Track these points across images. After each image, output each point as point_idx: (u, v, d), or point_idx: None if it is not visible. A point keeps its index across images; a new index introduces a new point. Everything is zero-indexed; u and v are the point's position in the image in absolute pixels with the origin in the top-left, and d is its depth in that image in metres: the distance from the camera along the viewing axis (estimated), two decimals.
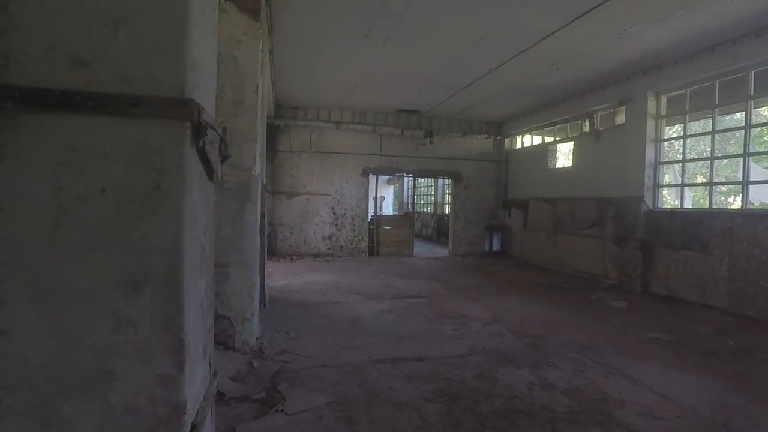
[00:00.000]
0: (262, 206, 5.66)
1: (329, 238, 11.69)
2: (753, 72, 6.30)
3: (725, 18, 5.60)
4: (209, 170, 1.60)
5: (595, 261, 8.95)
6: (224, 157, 1.75)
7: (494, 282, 8.57)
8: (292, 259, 10.93)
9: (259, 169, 4.57)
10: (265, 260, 6.10)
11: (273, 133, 11.01)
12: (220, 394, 3.22)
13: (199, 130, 1.34)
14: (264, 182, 6.25)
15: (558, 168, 10.91)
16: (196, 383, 1.45)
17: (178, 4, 1.27)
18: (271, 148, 11.01)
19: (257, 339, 4.48)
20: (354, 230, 11.87)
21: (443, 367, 4.02)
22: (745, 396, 3.52)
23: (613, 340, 4.93)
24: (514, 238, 12.27)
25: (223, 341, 4.17)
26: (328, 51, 7.09)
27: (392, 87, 9.25)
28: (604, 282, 8.50)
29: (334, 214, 11.72)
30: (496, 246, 12.74)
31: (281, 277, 8.44)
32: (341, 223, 11.77)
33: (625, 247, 8.13)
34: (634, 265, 7.88)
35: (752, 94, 6.37)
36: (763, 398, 3.48)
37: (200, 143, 1.36)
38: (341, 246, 11.78)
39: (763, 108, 10.73)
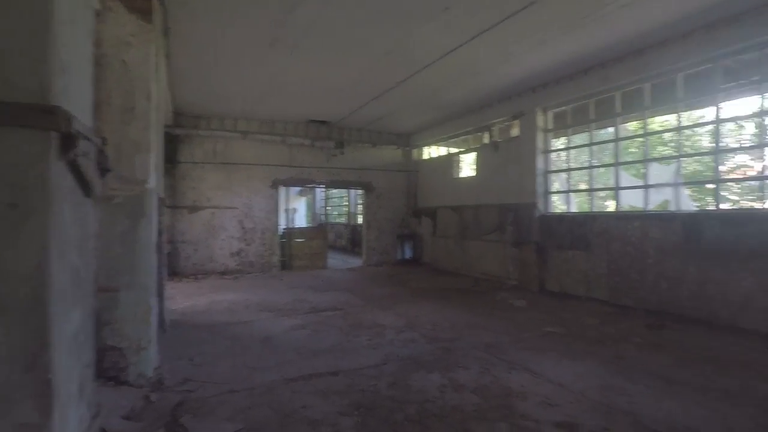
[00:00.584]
0: (160, 222, 5.23)
1: (238, 253, 11.14)
2: (619, 92, 7.20)
3: (596, 44, 6.35)
4: (84, 185, 1.42)
5: (498, 264, 9.55)
6: (104, 170, 1.57)
7: (407, 289, 8.77)
8: (196, 278, 10.24)
9: (154, 182, 4.21)
10: (165, 281, 5.63)
11: (173, 143, 10.29)
12: None
13: (69, 141, 1.18)
14: (162, 196, 5.79)
15: (463, 177, 11.52)
16: (70, 429, 1.27)
17: (40, 1, 1.11)
18: (171, 160, 10.27)
19: (156, 369, 4.09)
20: (264, 244, 11.45)
21: (358, 378, 3.99)
22: (624, 377, 3.96)
23: (515, 337, 5.28)
24: (425, 245, 12.69)
25: (114, 375, 3.75)
26: (231, 58, 6.81)
27: (301, 97, 9.14)
28: (507, 283, 9.10)
29: (243, 228, 11.21)
30: (408, 254, 13.07)
31: (185, 298, 7.86)
32: (250, 238, 11.29)
33: (523, 249, 8.79)
34: (531, 266, 8.54)
35: (619, 111, 7.28)
36: (637, 377, 3.94)
37: (71, 155, 1.20)
38: (251, 262, 11.28)
39: (629, 123, 12.33)
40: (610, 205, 9.23)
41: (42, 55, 1.13)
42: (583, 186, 9.27)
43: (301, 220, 21.92)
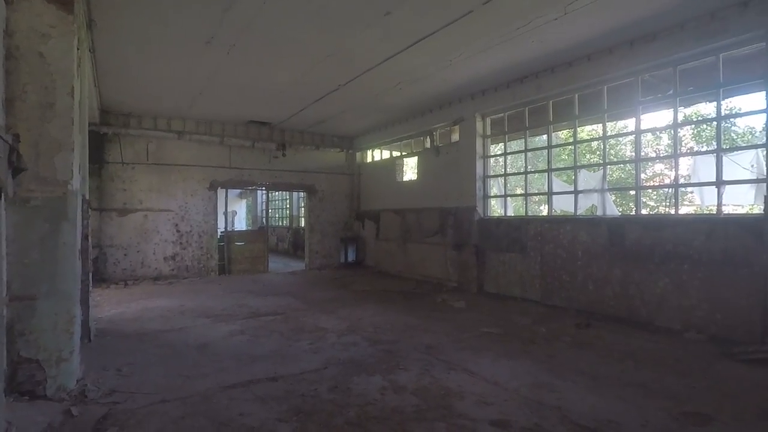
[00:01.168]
0: (85, 226, 4.89)
1: (173, 258, 10.62)
2: (551, 101, 7.65)
3: (530, 54, 6.71)
4: None
5: (440, 266, 9.79)
6: (18, 170, 1.46)
7: (350, 293, 8.77)
8: (126, 284, 9.63)
9: (78, 183, 3.94)
10: (90, 288, 5.26)
11: (100, 142, 9.65)
12: None
13: None
14: (87, 198, 5.40)
15: (405, 181, 11.72)
16: None
17: None
18: (98, 160, 9.63)
19: (78, 381, 3.82)
20: (201, 248, 11.00)
21: (299, 383, 3.95)
22: (554, 374, 4.20)
23: (454, 338, 5.44)
24: (368, 248, 12.75)
25: (29, 390, 3.46)
26: (163, 54, 6.50)
27: (241, 97, 8.89)
28: (448, 285, 9.35)
29: (178, 231, 10.70)
30: (351, 257, 13.07)
31: (113, 305, 7.38)
32: (186, 241, 10.80)
33: (463, 252, 9.08)
34: (470, 268, 8.84)
35: (551, 120, 7.73)
36: (566, 374, 4.20)
37: None
38: (187, 266, 10.80)
39: (561, 131, 13.13)
40: (544, 210, 9.78)
41: None
42: (519, 191, 9.74)
43: (241, 223, 21.29)
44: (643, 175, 6.83)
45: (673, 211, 6.37)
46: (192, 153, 10.84)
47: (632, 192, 7.16)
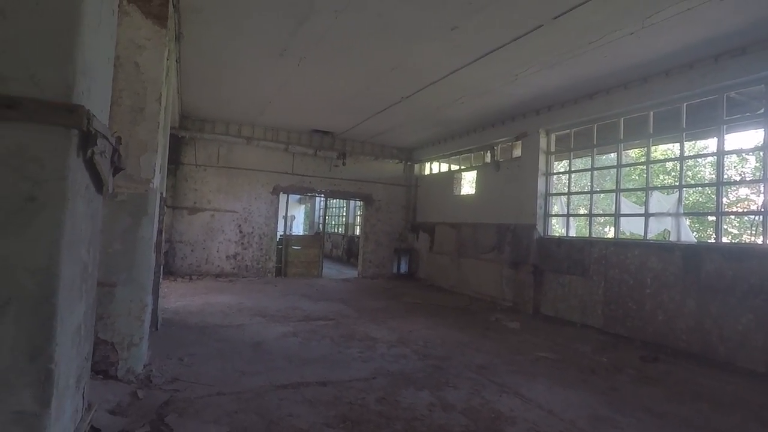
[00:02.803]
0: (160, 221, 5.26)
1: (234, 257, 11.15)
2: (623, 119, 7.29)
3: (602, 69, 6.45)
4: (98, 182, 1.45)
5: (494, 284, 9.55)
6: (117, 169, 1.61)
7: (401, 304, 8.76)
8: (191, 278, 10.22)
9: (158, 181, 4.26)
10: (161, 280, 5.64)
11: (177, 144, 10.37)
12: (94, 430, 2.87)
13: (88, 139, 1.22)
14: (164, 196, 5.83)
15: (463, 195, 11.59)
16: (65, 420, 1.28)
17: (69, 2, 1.16)
18: (174, 161, 10.35)
19: (145, 366, 4.09)
20: (261, 249, 11.47)
21: (347, 391, 3.99)
22: (615, 408, 3.94)
23: (507, 360, 5.27)
24: (421, 260, 12.69)
25: (103, 369, 3.75)
26: (240, 65, 6.91)
27: (307, 107, 9.24)
28: (502, 304, 9.09)
29: (241, 232, 11.24)
30: (404, 268, 13.07)
31: (178, 298, 7.85)
32: (248, 242, 11.31)
33: (519, 271, 8.81)
34: (527, 288, 8.55)
35: (622, 137, 7.37)
36: (629, 410, 3.93)
37: (89, 153, 1.24)
38: (247, 266, 11.29)
39: (631, 150, 12.48)
40: (609, 232, 9.28)
41: (68, 56, 1.17)
42: (582, 210, 9.32)
43: (298, 228, 21.97)
44: (725, 200, 6.29)
45: (760, 241, 5.81)
46: (258, 158, 11.38)
47: (712, 218, 6.65)
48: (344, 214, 19.96)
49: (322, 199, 15.42)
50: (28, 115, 1.11)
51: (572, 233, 8.41)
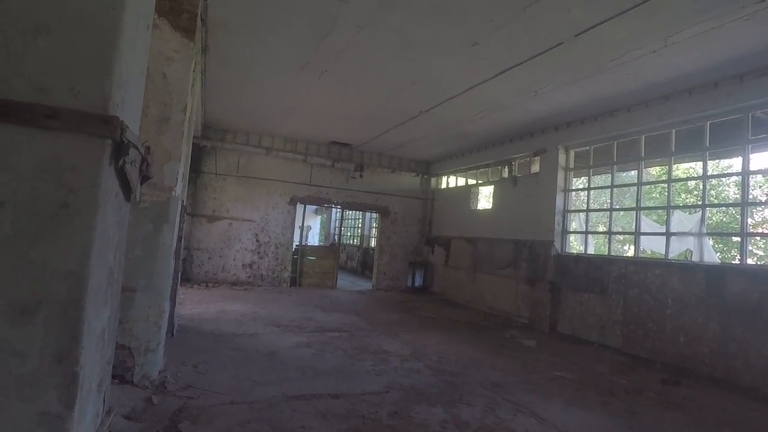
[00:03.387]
0: (180, 229, 5.36)
1: (250, 266, 11.25)
2: (644, 136, 7.21)
3: (622, 87, 6.41)
4: (127, 190, 1.50)
5: (510, 300, 9.43)
6: (145, 178, 1.66)
7: (415, 318, 8.70)
8: (207, 286, 10.34)
9: (180, 189, 4.35)
10: (178, 286, 5.72)
11: (198, 153, 10.59)
12: None
13: (121, 149, 1.27)
14: (184, 204, 5.94)
15: (479, 209, 11.53)
16: (86, 423, 1.31)
17: (109, 18, 1.22)
18: (195, 169, 10.54)
19: (160, 372, 4.14)
20: (277, 259, 11.55)
21: (359, 404, 3.96)
22: None
23: (523, 378, 5.18)
24: (436, 274, 12.62)
25: (120, 374, 3.80)
26: (263, 77, 7.06)
27: (326, 119, 9.36)
28: (518, 321, 8.96)
29: (258, 241, 11.35)
30: (418, 282, 13.00)
31: (194, 305, 7.93)
32: (264, 251, 11.41)
33: (536, 287, 8.69)
34: (543, 306, 8.42)
35: (643, 155, 7.27)
36: None
37: (120, 162, 1.28)
38: (262, 275, 11.37)
39: (652, 168, 12.26)
40: (629, 250, 9.11)
41: (107, 70, 1.23)
42: (601, 228, 9.17)
43: (314, 238, 22.09)
44: (750, 220, 6.13)
45: None
46: (277, 168, 11.53)
47: (736, 238, 6.47)
48: (360, 225, 20.02)
49: (339, 210, 15.51)
50: (67, 125, 1.16)
51: (591, 251, 8.28)
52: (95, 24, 1.22)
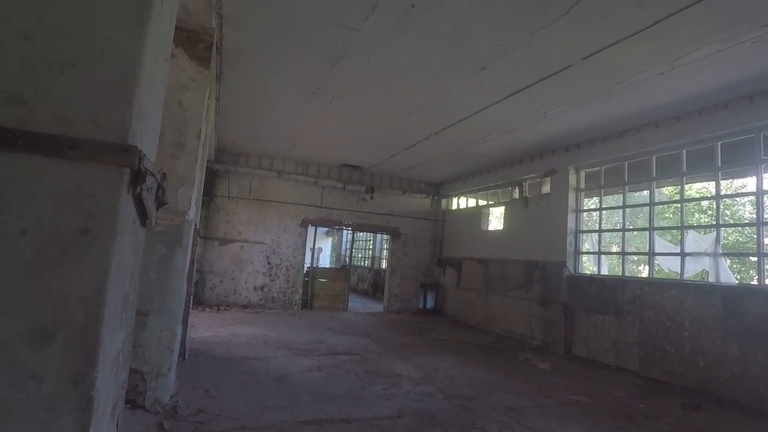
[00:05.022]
0: (193, 252, 5.42)
1: (261, 288, 11.27)
2: (655, 156, 7.18)
3: (632, 108, 6.44)
4: (143, 216, 1.55)
5: (523, 322, 9.29)
6: (160, 203, 1.71)
7: (427, 340, 8.60)
8: (219, 309, 10.36)
9: (193, 214, 4.42)
10: (190, 309, 5.75)
11: (211, 177, 10.75)
12: None
13: (138, 177, 1.32)
14: (197, 227, 6.02)
15: (490, 230, 11.48)
16: None
17: (131, 53, 1.28)
18: (208, 193, 10.69)
19: (172, 397, 4.12)
20: (288, 281, 11.56)
21: (372, 429, 3.90)
22: None
23: (537, 402, 5.06)
24: (447, 296, 12.51)
25: (131, 399, 3.79)
26: (275, 103, 7.22)
27: (337, 142, 9.49)
28: (531, 343, 8.80)
29: (269, 263, 11.39)
30: (430, 303, 12.89)
31: (206, 328, 7.95)
32: (275, 274, 11.43)
33: (549, 309, 8.55)
34: (557, 328, 8.27)
35: (654, 175, 7.23)
36: None
37: (137, 189, 1.33)
38: (273, 297, 11.37)
39: (665, 188, 12.15)
40: (643, 271, 8.99)
41: (127, 102, 1.29)
42: (615, 248, 9.06)
43: (325, 261, 22.10)
44: (766, 240, 6.02)
45: None
46: (288, 191, 11.65)
47: (754, 258, 6.34)
48: (371, 247, 20.01)
49: (350, 232, 15.56)
50: (88, 154, 1.21)
51: (604, 271, 8.16)
52: (117, 58, 1.28)
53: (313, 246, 12.74)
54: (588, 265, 8.61)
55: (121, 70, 1.28)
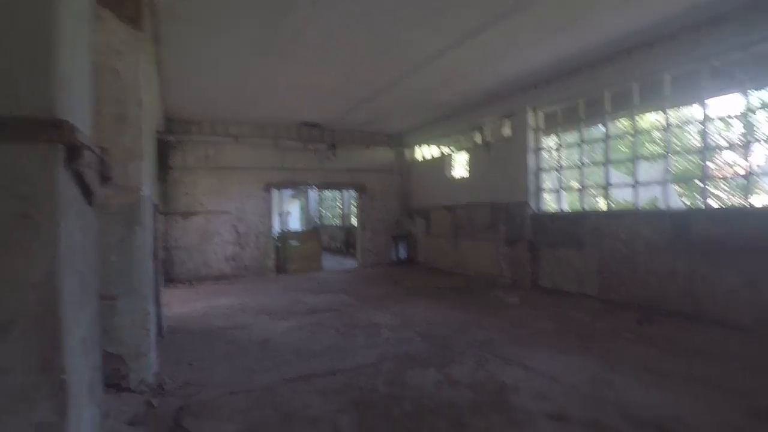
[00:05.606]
0: (155, 229, 5.26)
1: (233, 258, 11.16)
2: (609, 92, 7.30)
3: (585, 45, 6.45)
4: (87, 194, 1.47)
5: (492, 262, 9.64)
6: (105, 179, 1.62)
7: (402, 289, 8.84)
8: (192, 284, 10.24)
9: (149, 189, 4.25)
10: (161, 288, 5.66)
11: (164, 149, 10.28)
12: None
13: (74, 153, 1.24)
14: (156, 203, 5.80)
15: (456, 177, 11.61)
16: (84, 428, 1.32)
17: (41, 17, 1.16)
18: (163, 166, 10.27)
19: (156, 375, 4.12)
20: (259, 248, 11.47)
21: (356, 377, 4.06)
22: (614, 370, 4.05)
23: (508, 334, 5.37)
24: (419, 245, 12.77)
25: (116, 383, 3.77)
26: (222, 64, 6.84)
27: (293, 100, 9.18)
28: (501, 281, 9.19)
29: (237, 232, 11.22)
30: (402, 254, 13.14)
31: (181, 304, 7.87)
32: (245, 242, 11.31)
33: (516, 247, 8.89)
34: (524, 264, 8.64)
35: (609, 110, 7.39)
36: (628, 371, 4.04)
37: (76, 166, 1.25)
38: (246, 266, 11.30)
39: (619, 121, 12.46)
40: (602, 203, 9.38)
41: (47, 71, 1.17)
42: (574, 184, 9.36)
43: (295, 223, 21.95)
44: (711, 165, 6.35)
45: (747, 203, 5.89)
46: (247, 156, 11.32)
47: (699, 183, 6.71)
48: (340, 205, 19.95)
49: (316, 192, 15.41)
50: (14, 133, 1.12)
51: (565, 207, 8.47)
52: (28, 25, 1.16)
53: (281, 210, 12.57)
54: (550, 203, 8.90)
55: (35, 37, 1.16)
